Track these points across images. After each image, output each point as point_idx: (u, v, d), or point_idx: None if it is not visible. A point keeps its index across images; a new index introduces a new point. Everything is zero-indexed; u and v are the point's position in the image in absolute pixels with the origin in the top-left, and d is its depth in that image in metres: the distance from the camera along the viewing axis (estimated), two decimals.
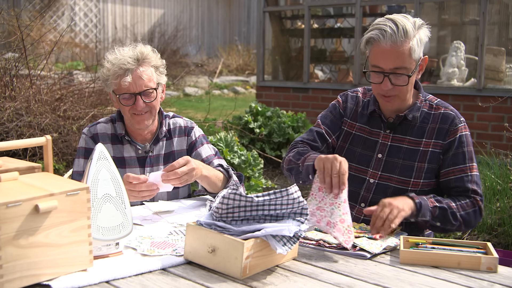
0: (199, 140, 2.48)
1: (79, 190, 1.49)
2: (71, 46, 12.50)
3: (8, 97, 4.90)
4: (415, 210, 1.95)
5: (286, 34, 8.63)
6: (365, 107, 2.25)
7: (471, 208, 2.05)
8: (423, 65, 2.10)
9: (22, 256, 1.39)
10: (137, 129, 2.35)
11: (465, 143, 2.10)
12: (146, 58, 2.29)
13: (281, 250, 1.57)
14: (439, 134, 2.11)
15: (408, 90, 2.10)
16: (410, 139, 2.13)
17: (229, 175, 2.35)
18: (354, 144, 2.23)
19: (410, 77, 2.05)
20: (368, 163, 2.18)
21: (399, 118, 2.13)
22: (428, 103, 2.16)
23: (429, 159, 2.10)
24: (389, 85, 2.04)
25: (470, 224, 2.07)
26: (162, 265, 1.60)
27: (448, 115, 2.12)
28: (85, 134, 2.37)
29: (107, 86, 2.32)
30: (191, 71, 13.82)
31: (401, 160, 2.13)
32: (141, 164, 2.39)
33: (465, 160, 2.09)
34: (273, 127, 6.15)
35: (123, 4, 16.14)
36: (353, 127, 2.26)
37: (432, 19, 8.35)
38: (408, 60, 2.01)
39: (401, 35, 1.98)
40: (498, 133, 6.16)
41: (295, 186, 1.65)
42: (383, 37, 1.98)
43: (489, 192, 4.03)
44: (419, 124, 2.13)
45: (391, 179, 2.14)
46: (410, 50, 2.00)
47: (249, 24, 19.18)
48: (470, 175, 2.09)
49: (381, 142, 2.17)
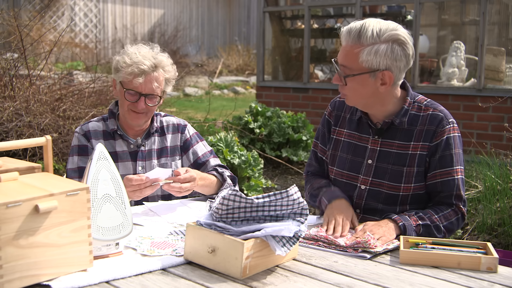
0: (194, 138, 2.54)
1: (79, 190, 1.49)
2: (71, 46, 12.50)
3: (7, 97, 4.90)
4: (400, 232, 1.93)
5: (286, 34, 8.63)
6: (353, 113, 2.22)
7: (453, 217, 2.05)
8: (386, 80, 2.00)
9: (22, 256, 1.39)
10: (129, 124, 2.40)
11: (452, 145, 2.05)
12: (163, 68, 2.38)
13: (280, 251, 1.57)
14: (426, 136, 2.06)
15: (362, 95, 2.03)
16: (399, 143, 2.09)
17: (223, 178, 2.42)
18: (345, 151, 2.22)
19: (348, 78, 2.00)
20: (359, 170, 2.16)
21: (387, 124, 2.10)
22: (417, 105, 2.11)
23: (417, 163, 2.06)
24: (337, 80, 2.04)
25: (453, 232, 2.07)
26: (162, 265, 1.60)
27: (436, 116, 2.06)
28: (77, 132, 2.43)
29: (116, 75, 2.38)
30: (191, 71, 13.81)
31: (390, 165, 2.10)
32: (133, 158, 2.43)
33: (452, 163, 2.05)
34: (273, 127, 6.15)
35: (123, 4, 16.14)
36: (342, 134, 2.25)
37: (432, 19, 8.36)
38: (353, 62, 1.98)
39: (354, 37, 1.96)
40: (498, 133, 6.16)
41: (295, 187, 1.65)
42: (341, 32, 2.02)
43: (489, 192, 4.02)
44: (407, 127, 2.09)
45: (382, 185, 2.11)
46: (358, 54, 1.96)
47: (249, 24, 19.18)
48: (456, 179, 2.05)
49: (371, 148, 2.14)
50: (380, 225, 1.92)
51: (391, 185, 2.09)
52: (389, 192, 2.10)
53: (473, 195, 4.16)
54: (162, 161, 2.45)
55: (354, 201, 2.17)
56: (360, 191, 2.16)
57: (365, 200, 2.15)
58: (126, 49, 2.37)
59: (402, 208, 2.11)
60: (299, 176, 5.96)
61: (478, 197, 4.11)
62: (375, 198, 2.13)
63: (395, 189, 2.09)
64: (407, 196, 2.09)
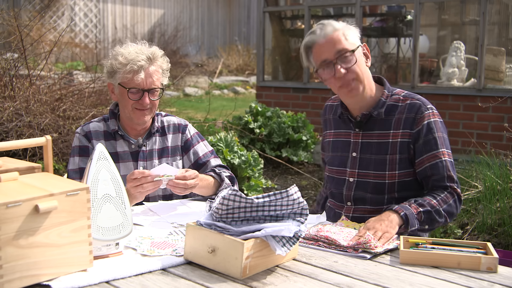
0: (195, 138, 2.54)
1: (79, 190, 1.49)
2: (71, 46, 12.50)
3: (7, 97, 4.89)
4: (403, 223, 1.95)
5: (286, 34, 8.63)
6: (335, 112, 2.35)
7: (451, 199, 2.09)
8: (367, 52, 2.18)
9: (22, 256, 1.39)
10: (135, 124, 2.40)
11: (434, 129, 2.11)
12: (157, 59, 2.37)
13: (280, 251, 1.57)
14: (406, 124, 2.13)
15: (363, 71, 2.14)
16: (378, 133, 2.18)
17: (221, 179, 2.42)
18: (335, 150, 2.32)
19: (355, 52, 2.11)
20: (345, 164, 2.26)
21: (365, 116, 2.19)
22: (394, 96, 2.20)
23: (399, 150, 2.13)
24: (342, 70, 2.10)
25: (453, 215, 2.12)
26: (162, 265, 1.60)
27: (414, 104, 2.15)
28: (78, 133, 2.42)
29: (113, 78, 2.36)
30: (191, 71, 13.81)
31: (373, 155, 2.18)
32: (134, 159, 2.43)
33: (437, 146, 2.11)
34: (273, 127, 6.15)
35: (123, 4, 16.14)
36: (331, 135, 2.38)
37: (432, 19, 8.37)
38: (345, 42, 2.11)
39: (329, 29, 2.13)
40: (498, 133, 6.16)
41: (295, 187, 1.65)
42: (316, 35, 2.14)
43: (489, 192, 4.02)
44: (385, 117, 2.18)
45: (368, 175, 2.19)
46: (343, 35, 2.12)
47: (249, 24, 19.17)
48: (444, 161, 2.11)
49: (353, 141, 2.24)
50: (382, 219, 1.92)
51: (377, 174, 2.17)
52: (375, 181, 2.17)
53: (473, 195, 4.16)
54: (163, 161, 2.45)
55: (344, 194, 2.25)
56: (349, 184, 2.24)
57: (354, 191, 2.22)
58: (116, 51, 2.35)
59: (390, 196, 2.17)
60: (299, 176, 5.96)
61: (478, 197, 4.11)
62: (363, 189, 2.20)
63: (381, 178, 2.16)
64: (394, 184, 2.15)
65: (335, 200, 2.33)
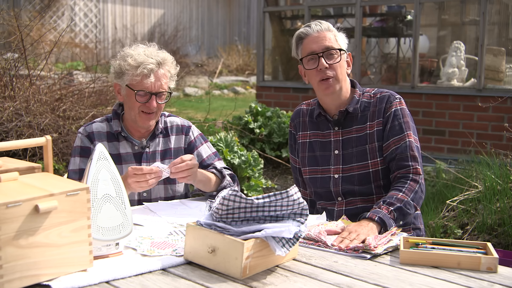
0: (198, 140, 2.53)
1: (79, 190, 1.49)
2: (71, 46, 12.50)
3: (7, 97, 4.89)
4: (381, 227, 1.98)
5: (286, 34, 8.62)
6: (312, 115, 2.43)
7: (416, 186, 2.17)
8: (349, 61, 2.35)
9: (22, 256, 1.39)
10: (139, 127, 2.38)
11: (400, 115, 2.27)
12: (167, 64, 2.38)
13: (280, 252, 1.57)
14: (379, 114, 2.29)
15: (342, 73, 2.29)
16: (357, 127, 2.31)
17: (222, 175, 2.43)
18: (312, 150, 2.40)
19: (341, 53, 2.26)
20: (328, 162, 2.35)
21: (342, 113, 2.31)
22: (366, 94, 2.36)
23: (377, 138, 2.27)
24: (325, 64, 2.24)
25: (422, 199, 2.21)
26: (162, 265, 1.60)
27: (383, 96, 2.32)
28: (80, 133, 2.40)
29: (121, 79, 2.35)
30: (191, 71, 13.81)
31: (354, 149, 2.30)
32: (137, 160, 2.42)
33: (402, 130, 2.25)
34: (273, 127, 6.15)
35: (123, 4, 16.14)
36: (306, 136, 2.44)
37: (432, 19, 8.37)
38: (334, 43, 2.28)
39: (324, 27, 2.30)
40: (498, 133, 6.16)
41: (295, 187, 1.65)
42: (310, 29, 2.29)
43: (489, 192, 4.02)
44: (361, 113, 2.32)
45: (352, 169, 2.30)
46: (334, 36, 2.29)
47: (249, 24, 19.17)
48: (408, 141, 2.23)
49: (334, 140, 2.35)
50: (361, 224, 1.96)
51: (360, 165, 2.29)
52: (360, 172, 2.28)
53: (473, 195, 4.16)
54: (165, 162, 2.43)
55: (332, 191, 2.33)
56: (334, 180, 2.32)
57: (342, 186, 2.31)
58: (124, 52, 2.35)
59: (377, 184, 2.27)
60: None
61: (478, 197, 4.11)
62: (350, 182, 2.30)
63: (365, 168, 2.28)
64: (378, 172, 2.27)
65: (324, 200, 2.37)
